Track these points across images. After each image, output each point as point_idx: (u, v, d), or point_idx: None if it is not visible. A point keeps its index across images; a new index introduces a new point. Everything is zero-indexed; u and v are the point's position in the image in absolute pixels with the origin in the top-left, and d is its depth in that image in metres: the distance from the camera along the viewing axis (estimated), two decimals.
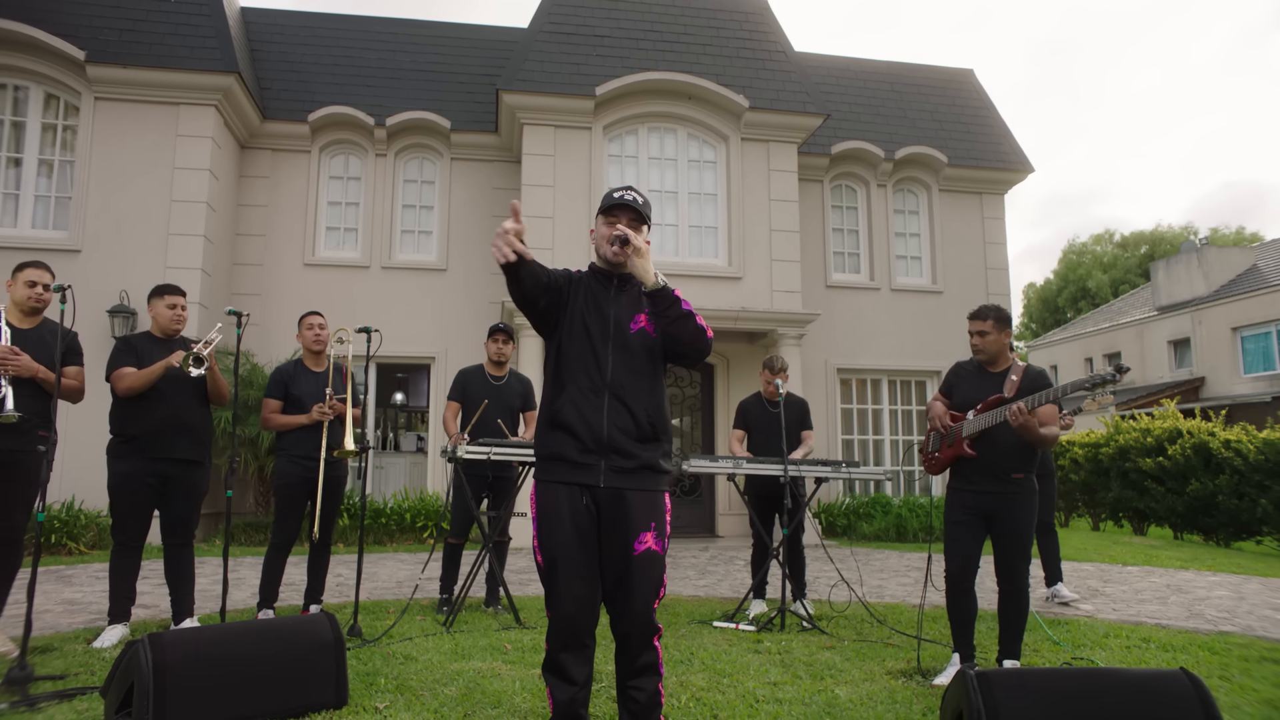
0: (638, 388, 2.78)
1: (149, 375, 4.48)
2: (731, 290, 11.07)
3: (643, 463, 2.74)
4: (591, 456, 2.71)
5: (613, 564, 2.69)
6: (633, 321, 2.84)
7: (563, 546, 2.68)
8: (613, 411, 2.73)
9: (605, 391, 2.74)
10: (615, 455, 2.72)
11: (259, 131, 11.45)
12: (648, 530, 2.70)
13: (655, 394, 2.83)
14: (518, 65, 11.04)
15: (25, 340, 4.21)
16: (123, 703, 3.07)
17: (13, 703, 3.28)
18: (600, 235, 2.87)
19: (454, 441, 5.19)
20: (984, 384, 4.13)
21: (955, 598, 4.04)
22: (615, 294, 2.88)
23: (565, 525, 2.68)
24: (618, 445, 2.72)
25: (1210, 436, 11.57)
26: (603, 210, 2.89)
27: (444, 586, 5.62)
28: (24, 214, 9.99)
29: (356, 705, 3.38)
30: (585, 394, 2.75)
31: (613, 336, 2.80)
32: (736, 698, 3.59)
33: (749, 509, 5.79)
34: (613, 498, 2.70)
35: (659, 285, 2.73)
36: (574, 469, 2.72)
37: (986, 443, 3.99)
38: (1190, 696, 2.70)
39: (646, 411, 2.77)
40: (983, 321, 4.11)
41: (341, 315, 8.58)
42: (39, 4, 9.97)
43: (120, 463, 4.55)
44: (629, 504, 2.70)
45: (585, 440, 2.71)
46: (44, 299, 4.38)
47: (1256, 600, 6.38)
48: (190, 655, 3.09)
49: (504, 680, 3.78)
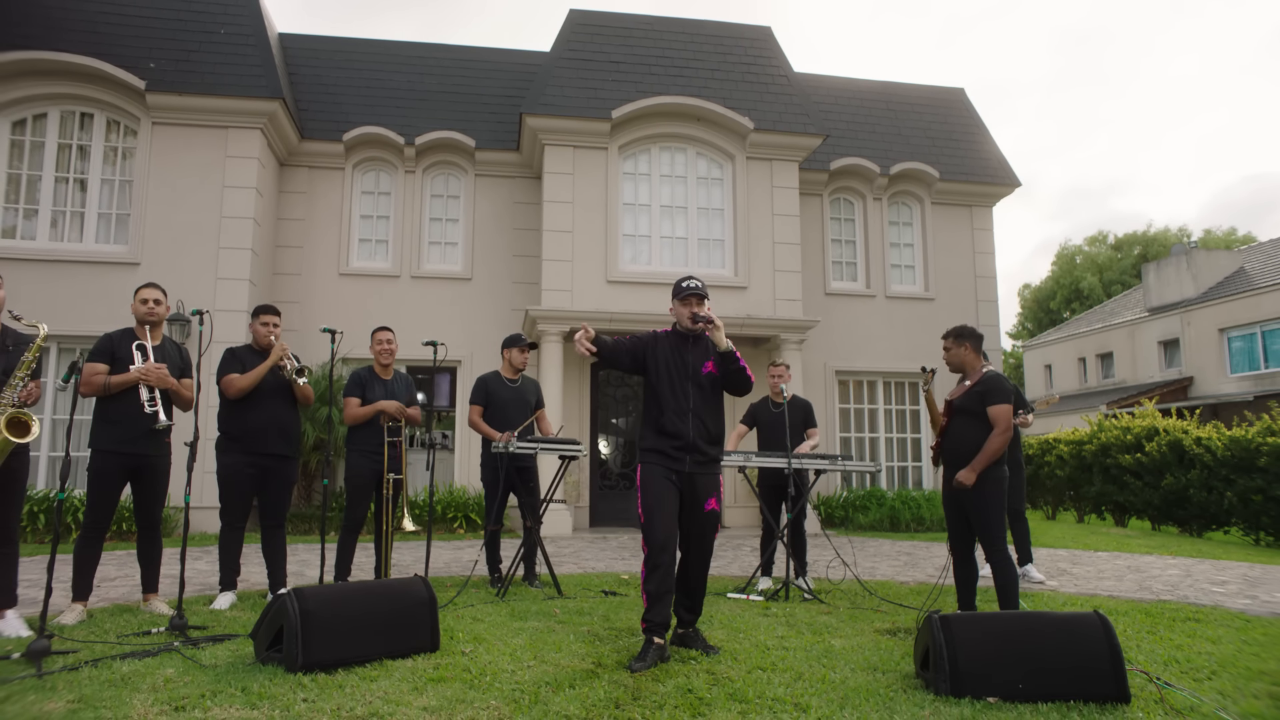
0: (708, 410, 4.31)
1: (254, 377, 5.31)
2: (737, 299, 11.92)
3: (711, 457, 4.31)
4: (682, 453, 4.22)
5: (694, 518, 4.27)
6: (703, 366, 4.33)
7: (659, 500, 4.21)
8: (695, 425, 4.24)
9: (689, 413, 4.24)
10: (696, 453, 4.23)
11: (297, 150, 12.30)
12: (713, 496, 4.30)
13: (718, 414, 4.38)
14: (540, 90, 11.89)
15: (161, 356, 5.05)
16: (272, 642, 3.93)
17: (181, 642, 4.14)
18: (680, 313, 4.38)
19: (504, 439, 6.01)
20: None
21: (957, 572, 4.92)
22: (691, 348, 4.39)
23: (664, 491, 4.20)
24: (698, 447, 4.23)
25: (1184, 434, 12.42)
26: (678, 296, 4.39)
27: (491, 567, 6.46)
28: (89, 230, 10.86)
29: (446, 650, 4.22)
30: (677, 414, 4.25)
31: (691, 377, 4.30)
32: (750, 646, 4.43)
33: (758, 498, 6.64)
34: (692, 478, 4.23)
35: (728, 349, 4.25)
36: (669, 459, 4.22)
37: (948, 438, 4.86)
38: (1099, 631, 3.54)
39: (715, 425, 4.33)
40: (945, 339, 5.09)
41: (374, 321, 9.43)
42: (104, 39, 10.83)
43: (227, 457, 5.40)
44: (703, 481, 4.27)
45: (679, 441, 4.23)
46: (157, 313, 5.15)
47: (1201, 577, 7.25)
48: (325, 606, 3.93)
49: (560, 634, 4.63)
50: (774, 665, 3.99)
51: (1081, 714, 3.29)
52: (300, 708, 3.18)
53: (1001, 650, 3.58)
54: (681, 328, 4.41)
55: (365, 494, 5.96)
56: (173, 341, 5.25)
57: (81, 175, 10.98)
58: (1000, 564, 4.73)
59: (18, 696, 3.26)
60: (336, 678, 3.61)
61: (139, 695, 3.31)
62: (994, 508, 4.75)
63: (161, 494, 5.05)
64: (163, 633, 4.39)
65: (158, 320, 5.10)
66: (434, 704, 3.27)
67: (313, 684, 3.49)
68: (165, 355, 5.09)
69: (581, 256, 11.58)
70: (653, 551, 4.10)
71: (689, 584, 4.34)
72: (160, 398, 4.87)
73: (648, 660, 3.87)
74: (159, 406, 4.82)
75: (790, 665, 3.99)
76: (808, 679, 3.74)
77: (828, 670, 3.90)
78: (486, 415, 6.43)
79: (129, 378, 4.81)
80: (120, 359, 4.87)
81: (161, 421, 4.78)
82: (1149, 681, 3.69)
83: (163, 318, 5.15)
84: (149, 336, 5.08)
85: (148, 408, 4.80)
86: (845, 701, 3.40)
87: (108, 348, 4.88)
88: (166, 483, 5.05)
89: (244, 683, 3.49)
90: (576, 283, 11.56)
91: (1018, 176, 14.28)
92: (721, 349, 4.25)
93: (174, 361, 5.11)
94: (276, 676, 3.60)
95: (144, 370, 4.82)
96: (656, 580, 4.06)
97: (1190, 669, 4.06)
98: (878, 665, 4.02)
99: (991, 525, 4.74)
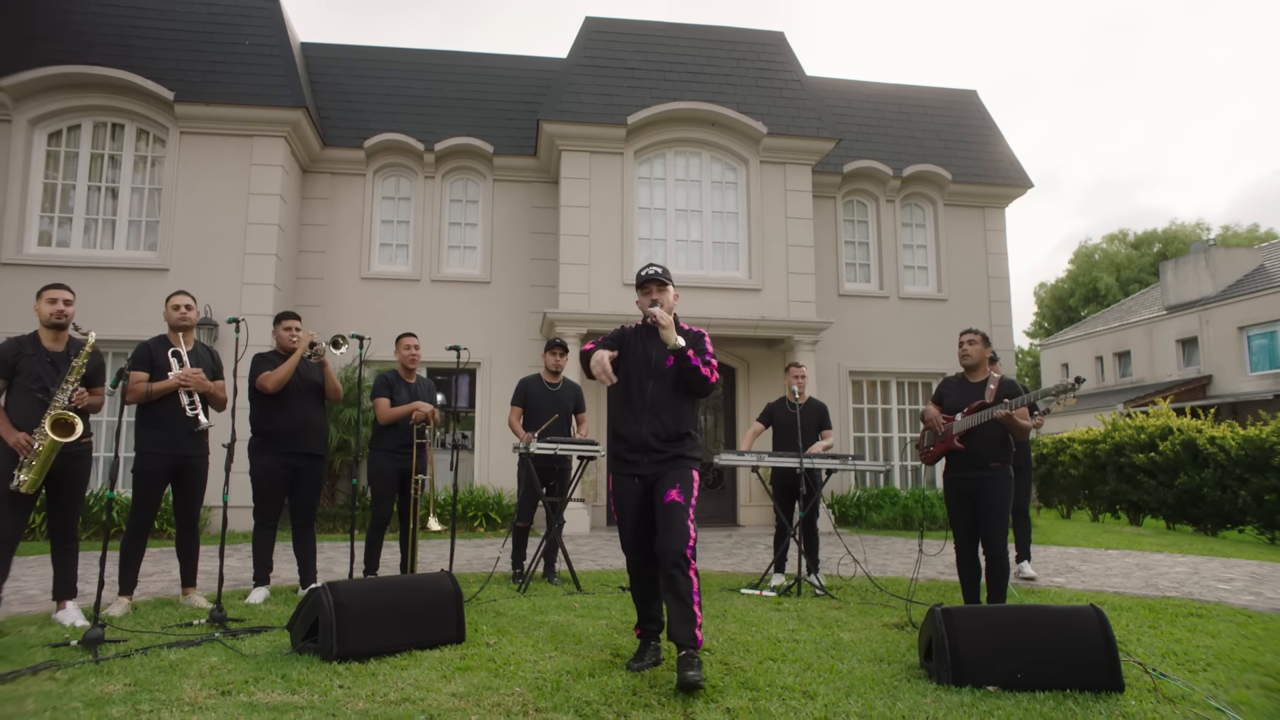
0: (669, 406, 4.00)
1: (289, 367, 5.53)
2: (751, 301, 12.10)
3: (673, 454, 3.95)
4: (637, 454, 3.97)
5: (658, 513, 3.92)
6: (667, 359, 4.00)
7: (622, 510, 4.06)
8: (650, 423, 3.96)
9: (645, 411, 3.98)
10: (653, 453, 3.95)
11: (319, 157, 12.58)
12: (674, 488, 3.85)
13: (681, 408, 4.03)
14: (556, 97, 12.11)
15: (194, 361, 5.29)
16: (307, 633, 4.16)
17: (221, 633, 4.39)
18: (641, 304, 4.08)
19: (525, 440, 6.24)
20: (968, 391, 5.23)
21: (962, 562, 5.13)
22: (656, 340, 4.05)
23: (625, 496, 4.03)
24: (652, 446, 3.94)
25: (1197, 433, 12.47)
26: (638, 285, 4.10)
27: (515, 563, 6.69)
28: (120, 237, 11.19)
29: (471, 641, 4.43)
30: (631, 414, 4.01)
31: (652, 371, 4.03)
32: (762, 639, 4.62)
33: (771, 497, 6.82)
34: (654, 479, 3.94)
35: (676, 347, 3.92)
36: (627, 464, 4.01)
37: (972, 438, 5.05)
38: (1094, 624, 3.71)
39: (675, 421, 3.99)
40: (975, 335, 5.27)
41: (395, 324, 9.70)
42: (134, 52, 11.16)
43: (260, 457, 5.64)
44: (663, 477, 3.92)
45: (633, 443, 3.98)
46: (189, 319, 5.33)
47: (1209, 575, 7.36)
48: (358, 599, 4.15)
49: (580, 626, 4.84)
50: (784, 656, 4.18)
51: (1077, 702, 3.45)
52: (337, 693, 3.40)
53: (1001, 641, 3.75)
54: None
55: (390, 493, 6.18)
56: (203, 345, 5.50)
57: (113, 184, 11.31)
58: (998, 559, 4.96)
59: (81, 679, 3.51)
60: (369, 666, 3.83)
61: (187, 680, 3.54)
62: (1005, 506, 5.05)
63: (201, 493, 5.30)
64: (203, 624, 4.63)
65: (189, 325, 5.32)
66: (462, 690, 3.48)
67: (347, 672, 3.71)
68: (199, 359, 5.33)
69: (598, 260, 11.80)
70: (627, 563, 4.11)
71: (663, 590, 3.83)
72: (199, 400, 5.12)
73: (644, 660, 3.91)
74: (199, 409, 5.07)
75: (800, 656, 4.18)
76: (816, 669, 3.93)
77: (835, 661, 4.09)
78: (525, 416, 6.67)
79: (169, 384, 5.06)
80: (158, 366, 5.13)
81: (202, 423, 5.04)
82: (1144, 673, 3.84)
83: (194, 323, 5.36)
84: (182, 342, 5.31)
85: (188, 411, 5.06)
86: (851, 690, 3.59)
87: (146, 356, 5.14)
88: (205, 482, 5.30)
89: (283, 670, 3.72)
90: (593, 286, 11.77)
91: (1030, 177, 14.38)
92: (670, 346, 3.91)
93: (207, 365, 5.35)
94: (313, 665, 3.82)
95: (182, 376, 5.07)
96: (636, 589, 4.10)
97: (1186, 661, 4.22)
98: (884, 657, 4.20)
99: (1000, 522, 5.00)
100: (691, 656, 3.59)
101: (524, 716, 3.18)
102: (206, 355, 5.43)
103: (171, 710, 3.15)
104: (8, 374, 4.50)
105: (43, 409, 4.46)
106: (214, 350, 5.46)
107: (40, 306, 4.66)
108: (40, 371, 4.52)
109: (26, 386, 4.49)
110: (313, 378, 5.78)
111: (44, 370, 4.54)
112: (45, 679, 3.52)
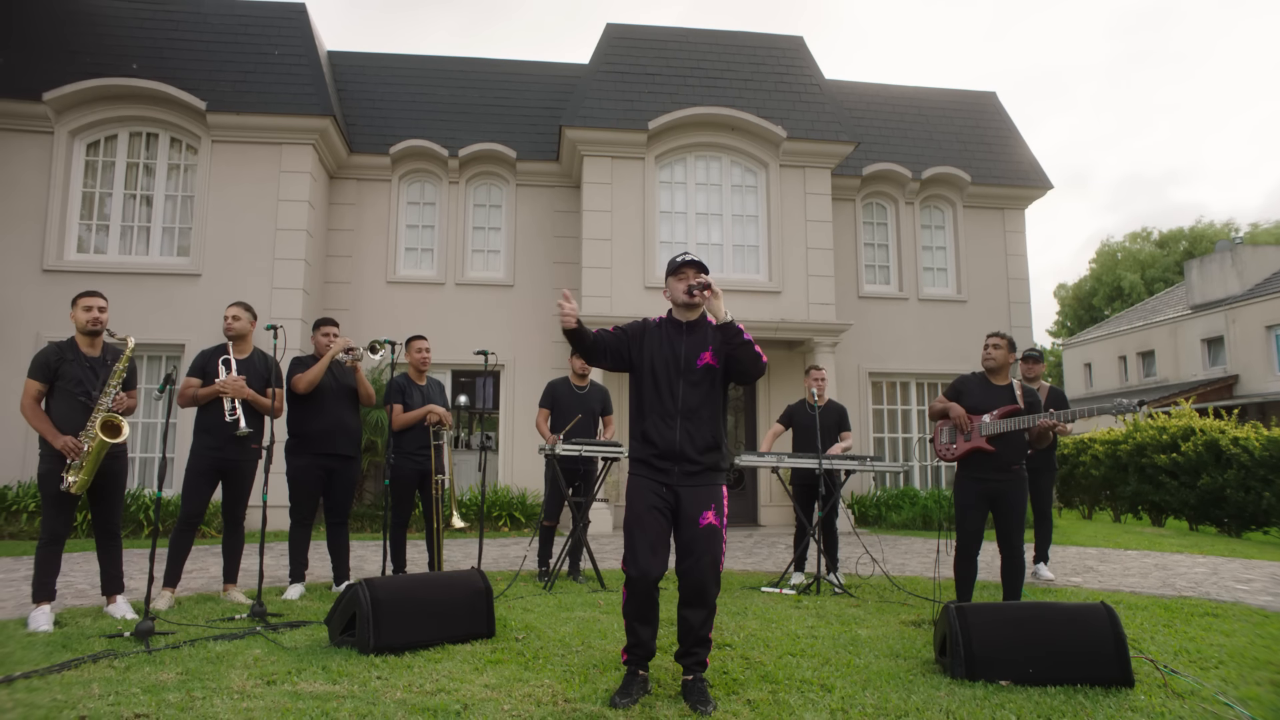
0: (702, 411, 3.61)
1: (319, 368, 5.74)
2: (772, 303, 12.22)
3: (705, 465, 3.60)
4: (668, 462, 3.59)
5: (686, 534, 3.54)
6: (699, 359, 3.63)
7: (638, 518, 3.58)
8: (683, 430, 3.58)
9: (677, 415, 3.59)
10: (685, 462, 3.58)
11: (346, 163, 12.83)
12: (708, 509, 3.54)
13: (715, 415, 3.66)
14: (578, 103, 12.30)
15: (245, 368, 5.51)
16: (345, 628, 4.35)
17: (262, 627, 4.59)
18: (675, 290, 3.66)
19: (550, 442, 6.41)
20: (991, 393, 5.27)
21: (963, 564, 5.22)
22: (685, 337, 3.67)
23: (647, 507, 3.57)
24: (686, 455, 3.57)
25: (1220, 434, 12.44)
26: (672, 271, 3.70)
27: (541, 561, 6.87)
28: (154, 243, 11.50)
29: (501, 636, 4.61)
30: (662, 418, 3.60)
31: (683, 372, 3.62)
32: (782, 635, 4.76)
33: (791, 497, 6.96)
34: (681, 491, 3.56)
35: (728, 320, 3.55)
36: (654, 470, 3.60)
37: (999, 442, 5.13)
38: (1105, 620, 3.82)
39: (711, 429, 3.62)
40: (1001, 339, 5.33)
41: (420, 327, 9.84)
42: (168, 63, 11.48)
43: (296, 458, 5.85)
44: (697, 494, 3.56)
45: (664, 449, 3.58)
46: (235, 328, 5.55)
47: (1228, 576, 7.41)
48: (393, 595, 4.34)
49: (605, 622, 5.00)
50: (803, 652, 4.32)
51: (1087, 696, 3.56)
52: (376, 684, 3.58)
53: (1013, 637, 3.87)
54: (678, 307, 3.70)
55: (409, 493, 6.37)
56: (261, 353, 5.69)
57: (147, 192, 11.62)
58: (1016, 558, 5.10)
59: (136, 668, 3.72)
60: (405, 659, 4.01)
61: (234, 671, 3.74)
62: (1025, 507, 5.22)
63: (246, 493, 5.52)
64: (245, 619, 4.84)
65: (237, 335, 5.54)
66: (494, 682, 3.65)
67: (384, 664, 3.90)
68: (252, 367, 5.53)
69: (620, 263, 11.97)
70: (628, 576, 3.52)
71: (684, 618, 3.54)
72: (242, 406, 5.34)
73: (632, 695, 3.44)
74: (239, 414, 5.29)
75: (818, 652, 4.32)
76: (834, 664, 4.07)
77: (853, 656, 4.22)
78: (553, 418, 6.85)
79: (210, 390, 5.29)
80: (210, 373, 5.37)
81: (242, 428, 5.25)
82: (1155, 669, 3.95)
83: (242, 332, 5.55)
84: (236, 350, 5.52)
85: (228, 416, 5.27)
86: (868, 683, 3.73)
87: (200, 363, 5.42)
88: (251, 484, 5.51)
89: (324, 662, 3.91)
90: (616, 289, 11.94)
91: (1050, 178, 14.40)
92: (720, 320, 3.55)
93: (259, 373, 5.55)
94: (351, 657, 4.01)
95: (222, 383, 5.30)
96: (633, 607, 3.54)
97: (1198, 658, 4.31)
98: (900, 652, 4.33)
99: (1021, 523, 5.17)
100: (703, 682, 3.52)
101: (553, 706, 3.35)
102: (261, 364, 5.62)
103: (222, 697, 3.34)
104: (50, 378, 4.72)
105: (83, 412, 4.69)
106: (271, 359, 5.63)
107: (76, 314, 4.87)
108: (80, 376, 4.75)
109: (68, 390, 4.72)
110: (346, 382, 5.99)
111: (84, 374, 4.76)
112: (105, 666, 3.74)
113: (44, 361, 4.75)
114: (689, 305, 3.65)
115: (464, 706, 3.29)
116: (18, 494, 9.72)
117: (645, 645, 3.57)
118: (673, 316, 3.75)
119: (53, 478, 4.60)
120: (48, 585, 4.61)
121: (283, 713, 3.17)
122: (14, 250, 10.98)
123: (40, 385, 4.71)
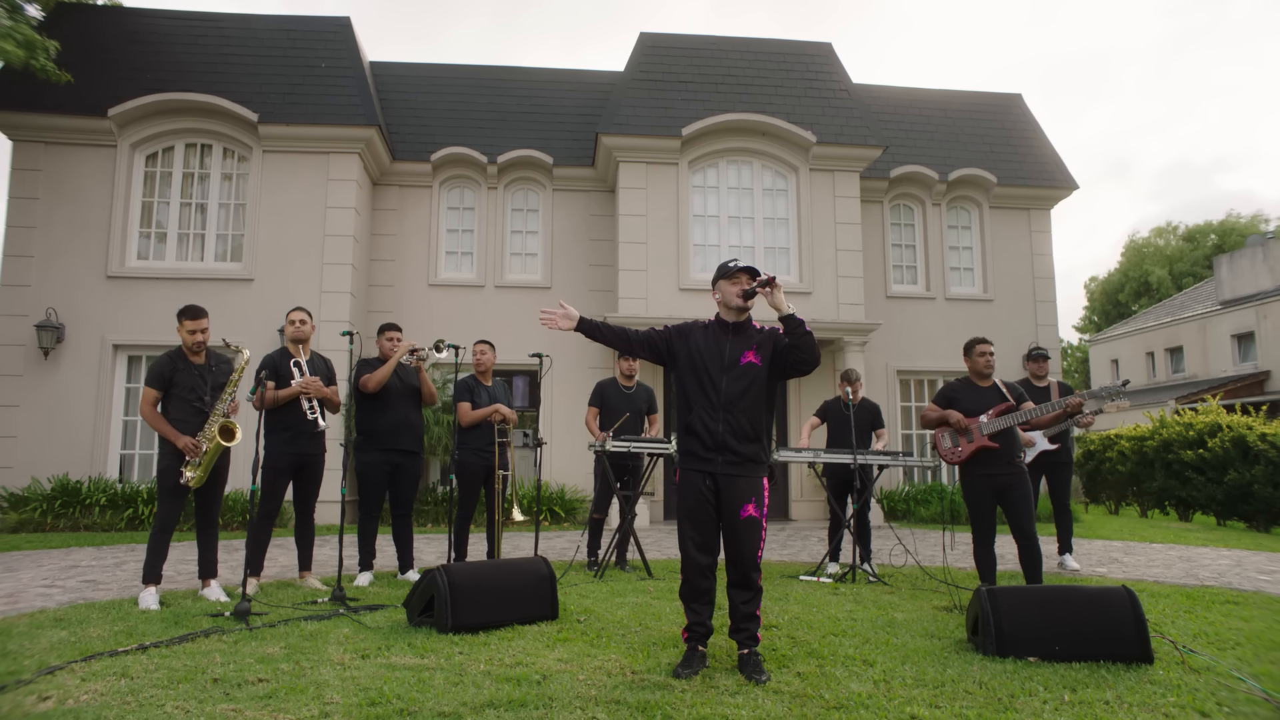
0: (745, 404, 3.91)
1: (386, 370, 6.15)
2: (802, 304, 12.52)
3: (747, 456, 3.90)
4: (712, 453, 3.91)
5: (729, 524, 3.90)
6: (742, 356, 3.96)
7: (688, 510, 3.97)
8: (726, 421, 3.88)
9: (720, 408, 3.90)
10: (728, 452, 3.88)
11: (389, 170, 13.30)
12: (749, 502, 3.85)
13: (758, 408, 3.94)
14: (614, 110, 12.68)
15: (311, 370, 5.94)
16: (423, 610, 4.75)
17: (343, 610, 5.02)
18: (727, 292, 4.00)
19: (600, 439, 6.80)
20: (981, 395, 5.73)
21: (983, 552, 5.55)
22: (732, 337, 4.02)
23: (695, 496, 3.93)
24: (729, 445, 3.87)
25: (1248, 430, 12.59)
26: (725, 275, 4.03)
27: (590, 551, 7.26)
28: (208, 250, 12.03)
29: (563, 619, 4.99)
30: (706, 410, 3.93)
31: (726, 368, 3.94)
32: (823, 618, 5.11)
33: (826, 490, 7.30)
34: (725, 479, 3.87)
35: (790, 312, 3.84)
36: (700, 461, 3.93)
37: (1000, 437, 5.50)
38: (1125, 602, 4.14)
39: (753, 420, 3.92)
40: (989, 345, 5.85)
41: (461, 328, 10.35)
42: (222, 77, 12.00)
43: (364, 454, 6.27)
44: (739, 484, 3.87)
45: (708, 440, 3.92)
46: (303, 332, 5.98)
47: (1251, 568, 7.65)
48: (468, 579, 4.73)
49: (657, 606, 5.37)
50: (844, 632, 4.68)
51: (1110, 671, 3.88)
52: (459, 658, 3.97)
53: (1040, 617, 4.19)
54: (729, 310, 4.05)
55: (475, 487, 6.77)
56: (319, 355, 6.14)
57: (202, 200, 12.16)
58: (1033, 545, 5.48)
59: (244, 643, 4.15)
60: (480, 638, 4.40)
61: (330, 646, 4.15)
62: (1029, 496, 5.59)
63: (318, 487, 5.95)
64: (326, 603, 5.27)
65: (305, 338, 5.98)
66: (565, 656, 4.04)
67: (463, 642, 4.29)
68: (315, 368, 5.97)
69: (655, 266, 12.34)
70: (683, 562, 3.96)
71: (732, 598, 3.95)
72: (318, 405, 5.78)
73: (693, 667, 3.78)
74: (318, 413, 5.73)
75: (858, 632, 4.67)
76: (874, 642, 4.42)
77: (891, 636, 4.57)
78: (601, 416, 7.25)
79: (292, 391, 5.72)
80: (281, 375, 5.79)
81: (321, 426, 5.69)
82: (1174, 648, 4.26)
83: (308, 335, 6.00)
84: (300, 353, 5.97)
85: (309, 415, 5.71)
86: (906, 659, 4.07)
87: (272, 367, 5.82)
88: (322, 477, 5.95)
89: (408, 640, 4.31)
90: (651, 291, 12.32)
91: (1075, 179, 14.59)
92: (784, 312, 3.81)
93: (322, 373, 6.00)
94: (432, 636, 4.41)
95: (303, 384, 5.73)
96: (688, 590, 3.96)
97: (1216, 640, 4.61)
98: (935, 633, 4.67)
99: (1031, 511, 5.53)
100: (757, 655, 3.85)
101: (623, 676, 3.72)
102: (322, 364, 6.07)
103: (327, 668, 3.74)
104: (165, 386, 5.20)
105: (195, 414, 5.16)
106: (328, 359, 6.09)
107: (182, 334, 5.35)
108: (192, 383, 5.24)
109: (182, 397, 5.21)
110: (410, 382, 6.40)
111: (195, 382, 5.25)
112: (215, 640, 4.17)
113: (159, 372, 5.24)
114: (740, 308, 4.02)
115: (543, 677, 3.67)
116: (89, 489, 10.27)
117: (704, 624, 3.94)
118: (720, 318, 4.11)
119: (171, 473, 5.08)
120: (156, 569, 5.07)
121: (385, 680, 3.56)
122: (81, 258, 11.55)
123: (157, 392, 5.21)
